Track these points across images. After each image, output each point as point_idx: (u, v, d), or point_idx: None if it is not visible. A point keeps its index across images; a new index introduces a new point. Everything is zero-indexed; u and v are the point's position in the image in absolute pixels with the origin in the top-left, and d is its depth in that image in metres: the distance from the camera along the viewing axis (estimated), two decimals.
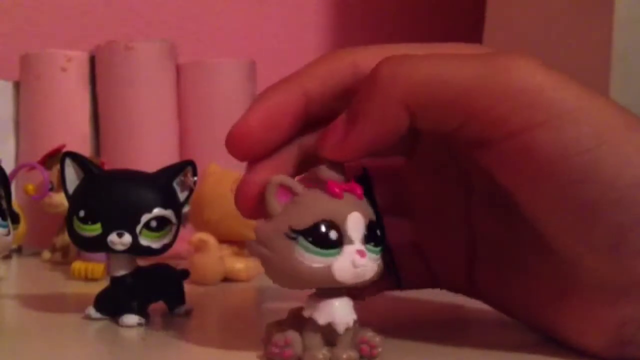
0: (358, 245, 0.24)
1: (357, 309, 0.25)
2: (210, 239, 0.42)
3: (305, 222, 0.24)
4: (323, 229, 0.24)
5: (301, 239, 0.24)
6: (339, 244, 0.24)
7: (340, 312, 0.25)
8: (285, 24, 0.77)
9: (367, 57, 0.26)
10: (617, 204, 0.23)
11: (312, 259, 0.24)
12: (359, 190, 0.25)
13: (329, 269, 0.24)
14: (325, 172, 0.25)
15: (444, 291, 0.33)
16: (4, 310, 0.36)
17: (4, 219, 0.30)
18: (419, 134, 0.28)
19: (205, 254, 0.41)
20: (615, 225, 0.23)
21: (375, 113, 0.25)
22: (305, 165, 0.27)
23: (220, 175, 0.44)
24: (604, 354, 0.26)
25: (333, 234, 0.24)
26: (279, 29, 0.77)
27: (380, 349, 0.25)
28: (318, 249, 0.24)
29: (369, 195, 0.26)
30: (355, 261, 0.24)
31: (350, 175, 0.26)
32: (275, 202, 0.24)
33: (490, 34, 0.63)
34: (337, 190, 0.25)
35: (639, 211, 0.23)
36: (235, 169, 0.45)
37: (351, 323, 0.25)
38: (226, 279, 0.42)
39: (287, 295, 0.38)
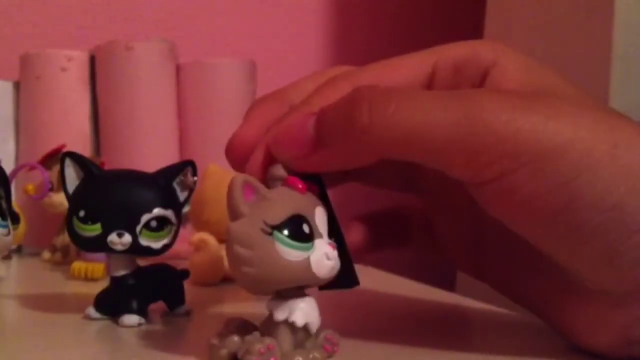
0: (327, 238, 0.24)
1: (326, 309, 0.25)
2: (210, 239, 0.42)
3: (279, 216, 0.24)
4: (297, 221, 0.24)
5: (277, 233, 0.23)
6: (311, 237, 0.24)
7: (313, 312, 0.24)
8: (285, 24, 0.77)
9: (365, 81, 0.27)
10: (604, 224, 0.23)
11: (291, 253, 0.23)
12: (316, 188, 0.25)
13: (307, 262, 0.23)
14: (281, 171, 0.25)
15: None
16: (4, 310, 0.36)
17: (4, 219, 0.30)
18: None
19: (205, 254, 0.41)
20: (605, 241, 0.23)
21: (345, 150, 0.25)
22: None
23: (220, 176, 0.43)
24: (611, 353, 0.26)
25: (306, 228, 0.24)
26: (279, 29, 0.77)
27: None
28: (295, 242, 0.23)
29: (322, 194, 0.26)
30: (328, 253, 0.24)
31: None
32: (243, 201, 0.24)
33: (490, 34, 0.63)
34: (300, 185, 0.25)
35: (626, 228, 0.23)
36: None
37: (319, 323, 0.25)
38: (226, 279, 0.42)
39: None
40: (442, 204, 0.32)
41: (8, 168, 0.35)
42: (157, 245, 0.31)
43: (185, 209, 0.34)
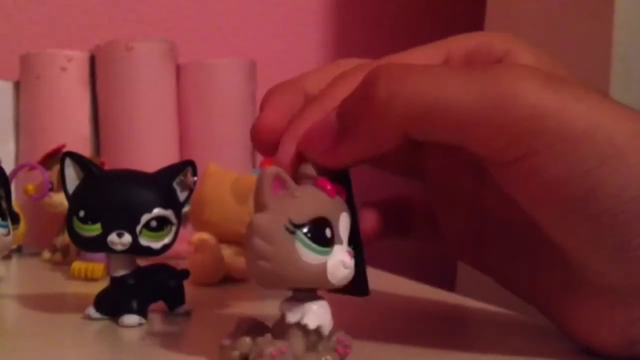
0: (346, 246, 0.24)
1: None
2: (210, 239, 0.42)
3: (304, 216, 0.23)
4: (321, 225, 0.23)
5: (299, 232, 0.23)
6: (331, 242, 0.24)
7: (326, 314, 0.24)
8: (286, 23, 0.77)
9: None
10: (622, 214, 0.23)
11: (309, 255, 0.23)
12: (344, 193, 0.25)
13: (324, 266, 0.23)
14: (310, 170, 0.25)
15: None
16: (4, 310, 0.36)
17: (4, 219, 0.30)
18: None
19: (205, 254, 0.41)
20: (620, 233, 0.23)
21: (368, 132, 0.25)
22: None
23: (220, 175, 0.43)
24: (612, 352, 0.26)
25: (328, 232, 0.23)
26: (279, 29, 0.77)
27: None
28: (315, 245, 0.23)
29: (349, 199, 0.26)
30: (345, 262, 0.23)
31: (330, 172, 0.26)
32: (270, 194, 0.23)
33: None
34: (329, 187, 0.24)
35: None
36: (234, 169, 0.45)
37: (332, 325, 0.25)
38: (226, 279, 0.42)
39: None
40: (446, 195, 0.32)
41: (8, 168, 0.35)
42: (157, 245, 0.31)
43: (185, 209, 0.34)
